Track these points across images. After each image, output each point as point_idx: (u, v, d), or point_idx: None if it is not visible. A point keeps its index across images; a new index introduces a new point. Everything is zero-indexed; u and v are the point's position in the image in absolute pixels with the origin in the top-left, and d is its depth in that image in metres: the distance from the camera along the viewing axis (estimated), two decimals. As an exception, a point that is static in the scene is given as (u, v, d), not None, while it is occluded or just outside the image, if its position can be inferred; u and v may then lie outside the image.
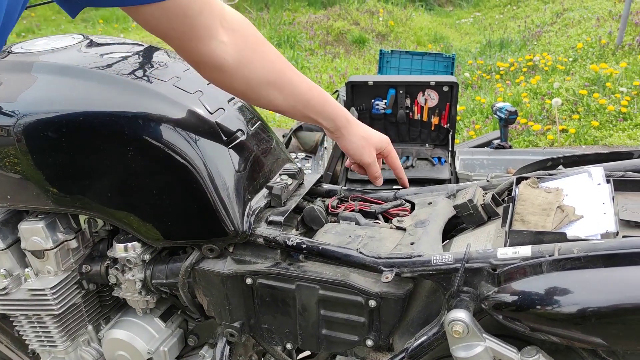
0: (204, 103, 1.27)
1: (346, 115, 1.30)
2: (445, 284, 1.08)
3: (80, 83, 1.24)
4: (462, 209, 1.24)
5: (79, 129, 1.20)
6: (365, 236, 1.25)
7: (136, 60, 1.34)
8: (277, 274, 1.22)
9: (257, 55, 1.17)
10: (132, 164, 1.20)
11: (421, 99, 3.51)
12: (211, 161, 1.21)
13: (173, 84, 1.27)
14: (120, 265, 1.35)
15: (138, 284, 1.35)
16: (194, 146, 1.20)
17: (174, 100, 1.24)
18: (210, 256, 1.28)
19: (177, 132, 1.20)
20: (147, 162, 1.21)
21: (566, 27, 6.96)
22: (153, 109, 1.21)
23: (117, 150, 1.20)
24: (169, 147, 1.19)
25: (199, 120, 1.24)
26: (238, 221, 1.23)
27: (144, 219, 1.26)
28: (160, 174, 1.21)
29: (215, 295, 1.30)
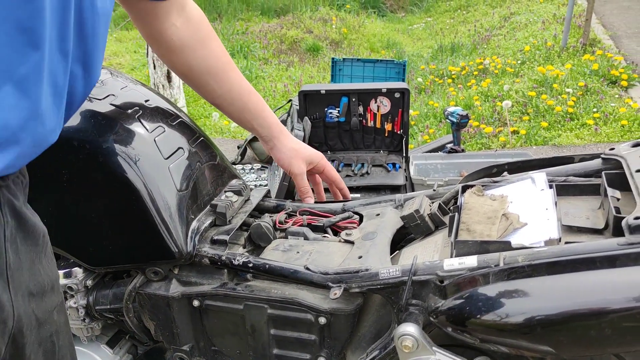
0: (142, 121, 1.23)
1: (280, 127, 1.34)
2: (393, 298, 1.06)
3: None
4: (409, 220, 1.23)
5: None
6: (314, 251, 1.23)
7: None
8: (224, 295, 1.19)
9: (203, 45, 1.26)
10: (68, 186, 1.16)
11: (374, 106, 3.52)
12: (151, 181, 1.17)
13: (109, 103, 1.23)
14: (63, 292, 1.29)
15: (81, 311, 1.29)
16: (132, 166, 1.16)
17: (111, 118, 1.19)
18: (154, 279, 1.24)
19: (114, 151, 1.16)
20: (84, 184, 1.16)
21: (514, 31, 7.13)
22: (88, 128, 1.17)
23: (52, 172, 1.15)
24: (106, 167, 1.15)
25: (137, 139, 1.20)
26: (182, 242, 1.19)
27: (83, 244, 1.21)
28: (99, 196, 1.17)
29: (162, 319, 1.26)
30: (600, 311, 0.88)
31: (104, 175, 1.15)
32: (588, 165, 1.20)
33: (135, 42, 7.83)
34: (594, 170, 1.19)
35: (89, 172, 1.15)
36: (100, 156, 1.15)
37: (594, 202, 1.13)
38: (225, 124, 5.33)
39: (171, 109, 1.34)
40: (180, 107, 1.27)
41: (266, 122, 1.33)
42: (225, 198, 1.30)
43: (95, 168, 1.15)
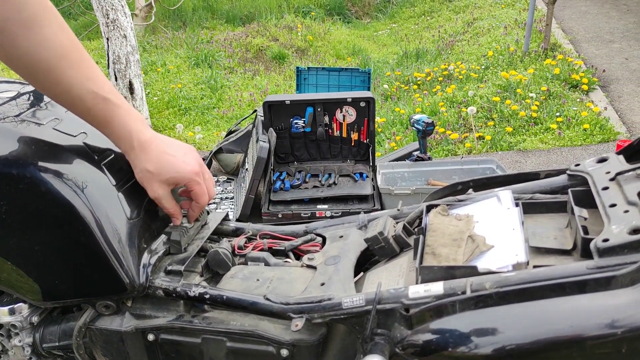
0: (89, 146, 1.16)
1: (139, 138, 1.10)
2: (358, 328, 1.01)
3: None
4: (373, 242, 1.18)
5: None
6: (274, 278, 1.17)
7: (11, 101, 1.21)
8: (180, 328, 1.12)
9: (26, 32, 0.99)
10: (7, 218, 1.07)
11: (339, 115, 3.49)
12: (99, 209, 1.10)
13: (53, 127, 1.15)
14: (4, 331, 1.21)
15: (27, 349, 1.21)
16: (79, 194, 1.09)
17: (54, 144, 1.12)
18: (106, 313, 1.16)
19: (59, 179, 1.08)
20: (25, 216, 1.08)
21: (477, 36, 7.19)
22: (30, 155, 1.09)
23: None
24: (49, 197, 1.07)
25: (84, 165, 1.13)
26: (133, 273, 1.12)
27: (26, 279, 1.13)
28: (42, 227, 1.09)
29: (116, 355, 1.18)
30: (572, 339, 0.84)
31: (47, 206, 1.07)
32: (554, 181, 1.17)
33: (98, 53, 7.67)
34: (560, 186, 1.16)
35: (31, 202, 1.07)
36: (42, 185, 1.07)
37: (561, 220, 1.10)
38: (190, 135, 5.24)
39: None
40: (144, 119, 1.16)
41: (117, 133, 1.10)
42: (180, 225, 1.23)
43: (38, 198, 1.07)
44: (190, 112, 5.80)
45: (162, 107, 5.87)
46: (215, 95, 6.14)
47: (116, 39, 4.77)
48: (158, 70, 6.67)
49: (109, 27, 4.75)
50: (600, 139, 4.13)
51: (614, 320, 0.82)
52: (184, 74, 6.62)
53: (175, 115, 5.75)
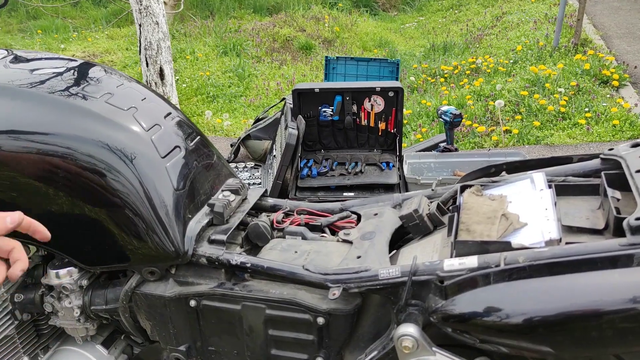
0: (139, 120, 1.22)
1: None
2: (393, 298, 1.06)
3: (4, 102, 1.17)
4: (407, 220, 1.22)
5: (6, 151, 1.13)
6: (312, 251, 1.22)
7: (66, 76, 1.27)
8: (221, 295, 1.18)
9: None
10: (64, 186, 1.14)
11: (367, 105, 3.52)
12: (148, 180, 1.16)
13: (105, 101, 1.21)
14: (56, 293, 1.28)
15: (76, 311, 1.28)
16: (129, 165, 1.15)
17: (107, 117, 1.18)
18: (151, 279, 1.22)
19: (110, 151, 1.14)
20: (80, 184, 1.14)
21: (506, 30, 7.14)
22: (84, 128, 1.15)
23: (47, 172, 1.13)
24: (102, 167, 1.14)
25: (134, 138, 1.19)
26: (179, 242, 1.18)
27: (79, 244, 1.20)
28: (95, 196, 1.15)
29: (159, 319, 1.24)
30: (601, 312, 0.88)
31: (100, 175, 1.14)
32: (587, 165, 1.20)
33: (127, 40, 7.77)
34: (592, 170, 1.19)
35: (85, 171, 1.13)
36: (96, 155, 1.13)
37: (594, 202, 1.13)
38: (218, 122, 5.31)
39: (168, 107, 1.33)
40: (173, 105, 1.22)
41: None
42: (223, 197, 1.29)
43: (91, 167, 1.13)
44: (218, 99, 5.87)
45: (191, 94, 5.95)
46: (242, 84, 6.20)
47: (148, 26, 4.85)
48: (187, 58, 6.75)
49: (141, 13, 4.84)
50: (630, 135, 4.10)
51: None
52: (212, 62, 6.70)
53: (203, 102, 5.82)
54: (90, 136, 1.14)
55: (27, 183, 1.15)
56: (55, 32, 8.53)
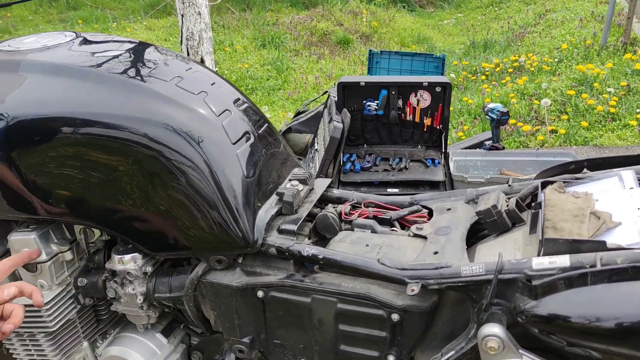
0: (209, 104, 1.19)
1: None
2: (475, 296, 1.01)
3: (75, 83, 1.15)
4: (485, 215, 1.17)
5: (74, 133, 1.11)
6: (384, 245, 1.18)
7: (135, 59, 1.25)
8: (291, 286, 1.14)
9: None
10: (132, 170, 1.12)
11: (413, 99, 3.46)
12: (218, 166, 1.13)
13: (175, 84, 1.19)
14: (119, 278, 1.26)
15: (139, 297, 1.26)
16: (199, 151, 1.12)
17: (178, 101, 1.15)
18: (218, 268, 1.20)
19: (181, 136, 1.12)
20: (149, 168, 1.12)
21: (549, 28, 6.98)
22: (155, 111, 1.13)
23: (117, 156, 1.11)
24: (173, 152, 1.11)
25: (205, 123, 1.16)
26: (248, 231, 1.15)
27: (146, 229, 1.18)
28: (164, 180, 1.13)
29: (224, 309, 1.22)
30: None
31: (170, 160, 1.11)
32: (679, 163, 1.14)
33: (166, 31, 7.82)
34: (685, 169, 1.12)
35: (156, 155, 1.11)
36: (166, 139, 1.11)
37: (688, 203, 1.06)
38: (257, 115, 5.29)
39: (237, 93, 1.30)
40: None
41: None
42: (291, 186, 1.25)
43: (162, 151, 1.11)
44: (256, 92, 5.86)
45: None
46: (281, 77, 6.18)
47: (191, 16, 4.85)
48: (226, 50, 6.76)
49: (184, 4, 4.84)
50: (683, 138, 3.96)
51: None
52: (251, 55, 6.69)
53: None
54: (160, 119, 1.12)
55: (95, 166, 1.13)
56: (95, 22, 8.64)
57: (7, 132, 1.13)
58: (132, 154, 1.11)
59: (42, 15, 9.47)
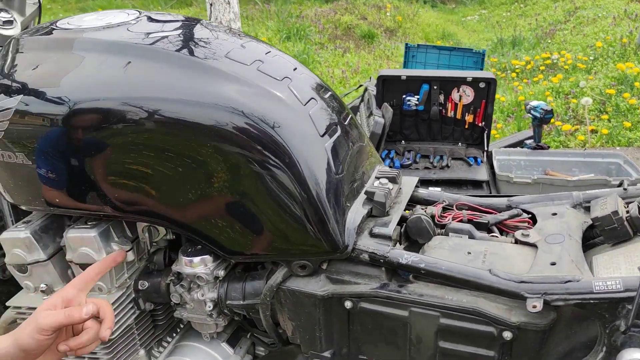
0: (295, 92, 1.06)
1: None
2: (607, 316, 0.88)
3: (144, 65, 1.03)
4: (603, 222, 1.04)
5: (145, 120, 0.99)
6: (488, 253, 1.05)
7: (209, 39, 1.13)
8: (385, 298, 1.02)
9: None
10: (211, 163, 0.99)
11: (455, 95, 3.32)
12: (307, 161, 1.01)
13: (257, 69, 1.06)
14: (186, 282, 1.14)
15: (209, 304, 1.14)
16: (287, 143, 0.99)
17: (261, 87, 1.03)
18: (301, 274, 1.07)
19: (266, 126, 0.99)
20: (231, 161, 0.99)
21: (581, 26, 6.80)
22: (237, 97, 1.00)
23: (192, 147, 0.99)
24: (257, 143, 0.98)
25: (292, 112, 1.03)
26: (338, 234, 1.03)
27: (223, 229, 1.05)
28: (247, 175, 1.00)
29: (304, 320, 1.10)
30: None
31: (254, 152, 0.98)
32: None
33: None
34: None
35: (238, 146, 0.98)
36: (250, 129, 0.98)
37: None
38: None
39: (318, 80, 1.18)
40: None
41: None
42: (380, 185, 1.13)
43: (245, 143, 0.98)
44: (281, 85, 5.76)
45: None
46: (306, 70, 6.07)
47: (220, 5, 4.74)
48: (248, 42, 6.66)
49: (213, -7, 4.73)
50: None
51: None
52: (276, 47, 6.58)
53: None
54: (243, 107, 0.99)
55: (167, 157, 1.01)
56: (116, 11, 8.52)
57: (67, 118, 1.01)
58: (211, 145, 0.98)
59: (60, 4, 9.38)
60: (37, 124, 1.03)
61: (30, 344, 0.93)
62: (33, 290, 1.24)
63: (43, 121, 1.02)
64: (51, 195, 1.10)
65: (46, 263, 1.20)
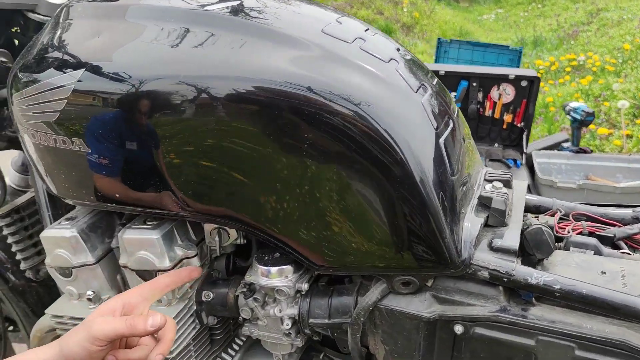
0: (404, 77, 0.90)
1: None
2: None
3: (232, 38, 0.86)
4: None
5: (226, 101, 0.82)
6: (627, 273, 0.89)
7: (299, 11, 0.96)
8: (508, 323, 0.86)
9: None
10: (309, 156, 0.83)
11: (495, 93, 3.16)
12: (421, 159, 0.84)
13: (359, 47, 0.90)
14: (261, 295, 0.98)
15: (286, 322, 0.98)
16: (397, 137, 0.82)
17: (369, 69, 0.86)
18: (403, 292, 0.91)
19: (374, 115, 0.82)
20: (332, 156, 0.83)
21: (605, 28, 6.65)
22: (342, 79, 0.83)
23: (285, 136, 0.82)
24: (363, 136, 0.81)
25: (404, 100, 0.87)
26: (454, 246, 0.86)
27: (316, 236, 0.88)
28: (350, 173, 0.83)
29: (402, 344, 0.93)
30: None
31: (357, 144, 0.81)
32: None
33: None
34: None
35: (342, 136, 0.81)
36: (359, 117, 0.81)
37: None
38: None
39: (421, 63, 1.01)
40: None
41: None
42: (494, 189, 0.96)
43: (350, 133, 0.81)
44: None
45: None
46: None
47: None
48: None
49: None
50: None
51: None
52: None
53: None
54: (352, 91, 0.82)
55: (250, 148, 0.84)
56: None
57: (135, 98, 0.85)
58: (309, 134, 0.81)
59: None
60: (99, 105, 0.86)
61: (79, 354, 0.76)
62: (77, 297, 1.08)
63: (106, 101, 0.86)
64: (108, 189, 0.93)
65: (94, 267, 1.04)
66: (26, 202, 1.30)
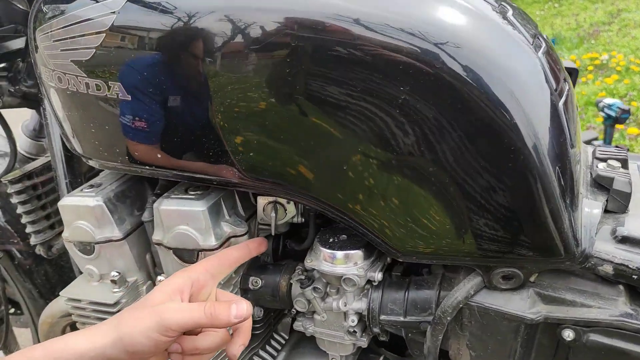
0: (519, 25, 0.74)
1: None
2: None
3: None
4: None
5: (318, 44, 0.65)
6: None
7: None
8: (636, 331, 0.70)
9: None
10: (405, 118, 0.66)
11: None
12: (540, 124, 0.68)
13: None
14: (322, 285, 0.82)
15: (352, 318, 0.82)
16: (516, 95, 0.66)
17: (482, 12, 0.70)
18: (502, 287, 0.75)
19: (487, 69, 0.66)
20: (430, 117, 0.66)
21: (627, 28, 6.48)
22: (452, 23, 0.67)
23: (380, 94, 0.66)
24: (473, 92, 0.65)
25: (521, 53, 0.71)
26: (571, 233, 0.70)
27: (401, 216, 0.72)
28: (451, 137, 0.66)
29: (493, 350, 0.78)
30: None
31: (460, 103, 0.65)
32: None
33: None
34: None
35: (446, 96, 0.65)
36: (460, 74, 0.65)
37: None
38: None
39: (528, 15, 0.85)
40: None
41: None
42: (611, 169, 0.80)
43: (459, 92, 0.65)
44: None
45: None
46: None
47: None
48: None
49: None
50: None
51: None
52: None
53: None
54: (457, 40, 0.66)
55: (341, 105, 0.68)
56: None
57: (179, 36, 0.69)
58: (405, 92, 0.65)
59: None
60: (144, 43, 0.70)
61: (144, 344, 0.61)
62: (98, 278, 0.92)
63: (153, 39, 0.70)
64: (147, 148, 0.77)
65: (121, 243, 0.88)
66: (40, 166, 1.14)
